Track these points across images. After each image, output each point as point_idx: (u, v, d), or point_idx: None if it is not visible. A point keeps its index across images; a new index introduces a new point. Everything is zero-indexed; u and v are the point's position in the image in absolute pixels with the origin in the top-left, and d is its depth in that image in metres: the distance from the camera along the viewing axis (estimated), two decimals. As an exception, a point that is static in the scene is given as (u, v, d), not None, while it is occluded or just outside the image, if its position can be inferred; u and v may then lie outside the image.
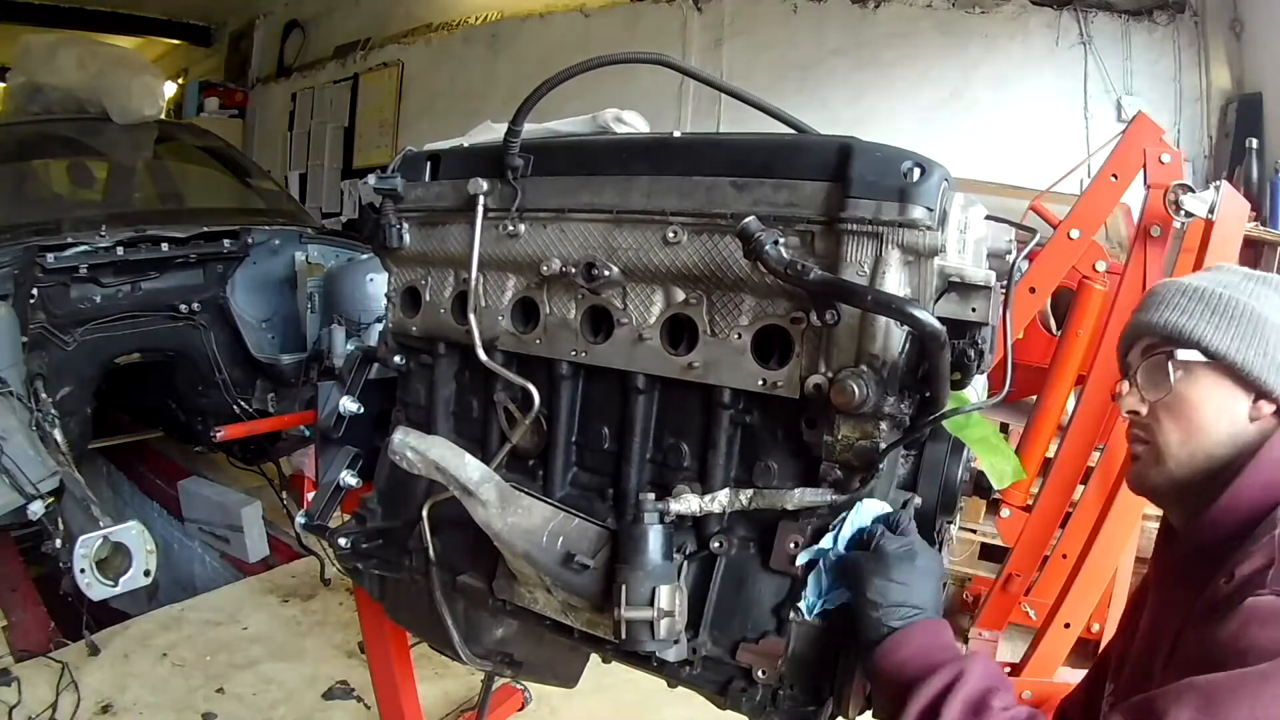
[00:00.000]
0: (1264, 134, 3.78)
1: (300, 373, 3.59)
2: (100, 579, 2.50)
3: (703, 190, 1.09)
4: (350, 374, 1.52)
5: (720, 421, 1.11)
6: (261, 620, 3.13)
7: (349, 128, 7.32)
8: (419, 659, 2.01)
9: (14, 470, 2.55)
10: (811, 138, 1.17)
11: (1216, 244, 2.02)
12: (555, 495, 1.25)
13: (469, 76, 6.36)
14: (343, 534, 1.42)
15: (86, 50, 3.96)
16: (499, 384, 1.30)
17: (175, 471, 4.39)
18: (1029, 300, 2.46)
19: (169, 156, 4.32)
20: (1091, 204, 2.35)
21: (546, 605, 1.23)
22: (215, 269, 3.61)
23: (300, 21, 7.93)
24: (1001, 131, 4.45)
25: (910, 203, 0.96)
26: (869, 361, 0.98)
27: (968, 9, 4.61)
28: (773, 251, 0.97)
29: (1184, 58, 4.24)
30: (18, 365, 2.81)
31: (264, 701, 2.64)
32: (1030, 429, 2.77)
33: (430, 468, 1.20)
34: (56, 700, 2.53)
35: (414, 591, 1.42)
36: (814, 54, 4.97)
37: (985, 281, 0.99)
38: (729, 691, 1.10)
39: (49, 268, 3.05)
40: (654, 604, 1.04)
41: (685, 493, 1.10)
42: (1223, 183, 2.07)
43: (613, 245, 1.16)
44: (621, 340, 1.17)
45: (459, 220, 1.31)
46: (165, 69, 6.90)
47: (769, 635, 1.07)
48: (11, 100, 4.09)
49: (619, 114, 1.35)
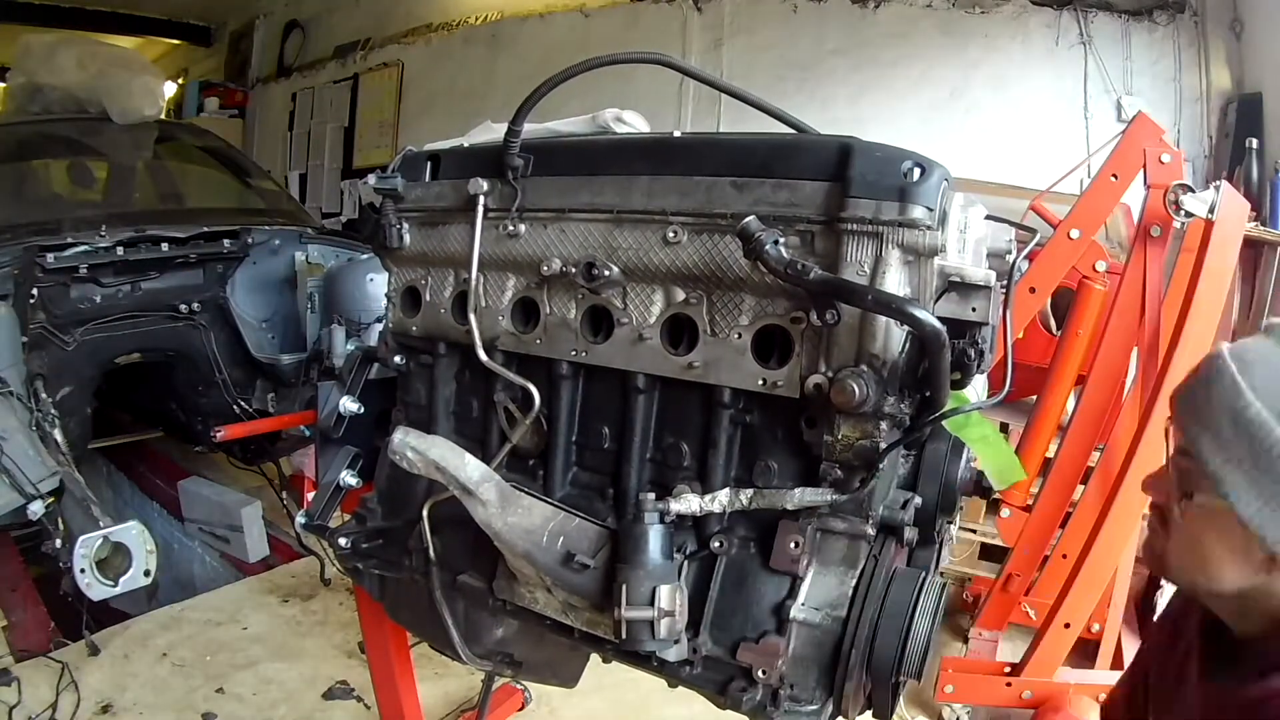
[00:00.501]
0: (1264, 134, 3.78)
1: (300, 373, 3.60)
2: (100, 579, 2.50)
3: (703, 190, 1.09)
4: (350, 374, 1.52)
5: (720, 421, 1.11)
6: (261, 620, 3.12)
7: (349, 128, 7.33)
8: (419, 659, 2.01)
9: (14, 470, 2.55)
10: (811, 137, 1.17)
11: (1216, 244, 2.02)
12: (555, 495, 1.25)
13: (469, 76, 6.36)
14: (343, 534, 1.42)
15: (86, 50, 3.96)
16: (499, 384, 1.30)
17: (175, 471, 4.39)
18: (1029, 300, 2.46)
19: (169, 156, 4.31)
20: (1091, 204, 2.35)
21: (547, 605, 1.23)
22: (215, 269, 3.61)
23: (300, 21, 7.93)
24: (1001, 131, 4.45)
25: (910, 202, 0.96)
26: (869, 361, 0.98)
27: (968, 9, 4.61)
28: (773, 251, 0.97)
29: (1184, 58, 4.24)
30: (18, 365, 2.81)
31: (264, 701, 2.64)
32: (1030, 429, 2.77)
33: (430, 468, 1.20)
34: (56, 700, 2.53)
35: (414, 591, 1.42)
36: (814, 54, 4.97)
37: (985, 281, 0.99)
38: (729, 691, 1.09)
39: (49, 268, 3.05)
40: (654, 604, 1.04)
41: (685, 492, 1.10)
42: (1223, 183, 2.07)
43: (613, 245, 1.16)
44: (622, 340, 1.17)
45: (459, 220, 1.31)
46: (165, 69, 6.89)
47: (769, 635, 1.07)
48: (11, 100, 4.09)
49: (619, 114, 1.35)
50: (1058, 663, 2.30)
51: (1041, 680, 2.29)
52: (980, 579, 3.25)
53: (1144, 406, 2.15)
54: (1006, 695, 2.31)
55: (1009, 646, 2.79)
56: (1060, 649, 2.26)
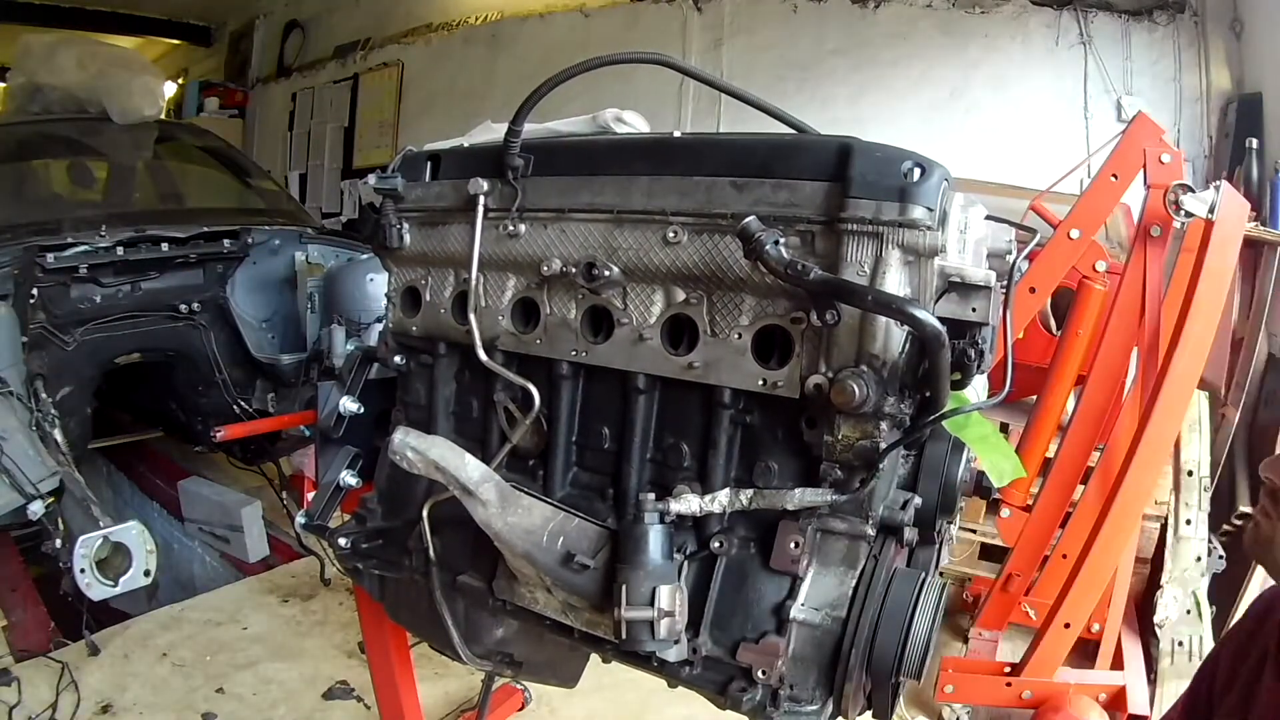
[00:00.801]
0: (1264, 134, 3.78)
1: (300, 373, 3.60)
2: (100, 579, 2.50)
3: (703, 190, 1.09)
4: (350, 374, 1.52)
5: (720, 421, 1.11)
6: (261, 620, 3.13)
7: (349, 128, 7.33)
8: (419, 659, 2.01)
9: (14, 470, 2.55)
10: (811, 138, 1.17)
11: (1216, 244, 2.02)
12: (555, 495, 1.25)
13: (469, 76, 6.36)
14: (343, 534, 1.42)
15: (86, 50, 3.96)
16: (499, 384, 1.30)
17: (175, 471, 4.39)
18: (1029, 300, 2.46)
19: (169, 156, 4.32)
20: (1091, 204, 2.35)
21: (547, 605, 1.23)
22: (215, 269, 3.61)
23: (300, 21, 7.94)
24: (1001, 131, 4.45)
25: (911, 203, 0.96)
26: (869, 361, 0.98)
27: (968, 9, 4.61)
28: (773, 251, 0.97)
29: (1184, 58, 4.24)
30: (18, 365, 2.81)
31: (264, 701, 2.64)
32: (1030, 429, 2.77)
33: (430, 468, 1.20)
34: (56, 700, 2.53)
35: (414, 591, 1.42)
36: (814, 54, 4.98)
37: (985, 282, 0.99)
38: (729, 691, 1.09)
39: (49, 268, 3.05)
40: (654, 604, 1.03)
41: (685, 493, 1.10)
42: (1223, 183, 2.07)
43: (613, 245, 1.16)
44: (622, 340, 1.17)
45: (459, 220, 1.31)
46: (165, 69, 6.90)
47: (769, 635, 1.07)
48: (11, 100, 4.09)
49: (619, 114, 1.35)
50: (1058, 663, 2.29)
51: (1041, 680, 2.29)
52: (980, 579, 3.25)
53: (1144, 406, 2.15)
54: (1006, 695, 2.31)
55: (1009, 646, 2.79)
56: (1060, 649, 2.26)
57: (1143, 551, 2.88)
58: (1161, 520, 2.83)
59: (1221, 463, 3.12)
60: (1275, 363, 3.34)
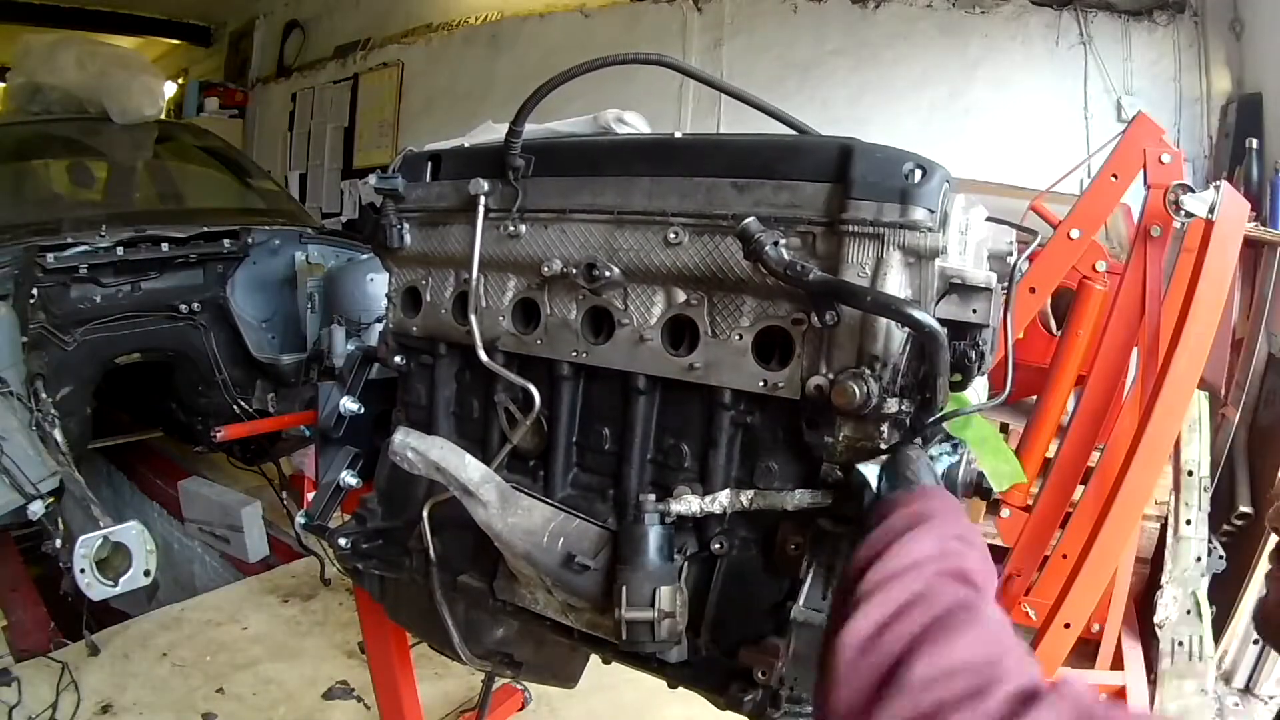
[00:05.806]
0: (1264, 134, 3.78)
1: (300, 373, 3.60)
2: (100, 579, 2.50)
3: (703, 191, 1.09)
4: (350, 374, 1.52)
5: (721, 422, 1.11)
6: (261, 620, 3.13)
7: (349, 128, 7.33)
8: (419, 659, 2.01)
9: (14, 470, 2.55)
10: (812, 139, 1.17)
11: (1216, 244, 2.02)
12: (556, 496, 1.25)
13: (469, 76, 6.36)
14: (343, 534, 1.42)
15: (86, 50, 3.96)
16: (500, 384, 1.30)
17: (175, 471, 4.39)
18: (1029, 300, 2.45)
19: (169, 156, 4.32)
20: (1091, 204, 2.35)
21: (547, 606, 1.23)
22: (215, 269, 3.61)
23: (300, 21, 7.93)
24: (1001, 131, 4.45)
25: (912, 204, 0.96)
26: (870, 363, 0.98)
27: (968, 9, 4.61)
28: (773, 252, 0.97)
29: (1184, 58, 4.24)
30: (18, 365, 2.81)
31: (264, 701, 2.64)
32: (1030, 429, 2.77)
33: (430, 468, 1.20)
34: (56, 700, 2.53)
35: (414, 591, 1.42)
36: (814, 54, 4.97)
37: (986, 283, 0.99)
38: (729, 692, 1.09)
39: (49, 268, 3.05)
40: (655, 605, 1.04)
41: (686, 493, 1.10)
42: (1223, 183, 2.07)
43: (614, 246, 1.16)
44: (622, 341, 1.17)
45: (460, 220, 1.31)
46: (165, 69, 6.89)
47: (769, 636, 1.07)
48: (11, 100, 4.09)
49: (620, 114, 1.35)
50: (1058, 663, 2.29)
51: (1041, 680, 2.28)
52: (980, 579, 3.24)
53: (1144, 406, 2.15)
54: (1007, 695, 2.30)
55: (1009, 647, 2.79)
56: (1060, 649, 2.26)
57: (1143, 551, 2.88)
58: (1161, 520, 2.83)
59: (1221, 463, 3.12)
60: (1275, 363, 3.34)
